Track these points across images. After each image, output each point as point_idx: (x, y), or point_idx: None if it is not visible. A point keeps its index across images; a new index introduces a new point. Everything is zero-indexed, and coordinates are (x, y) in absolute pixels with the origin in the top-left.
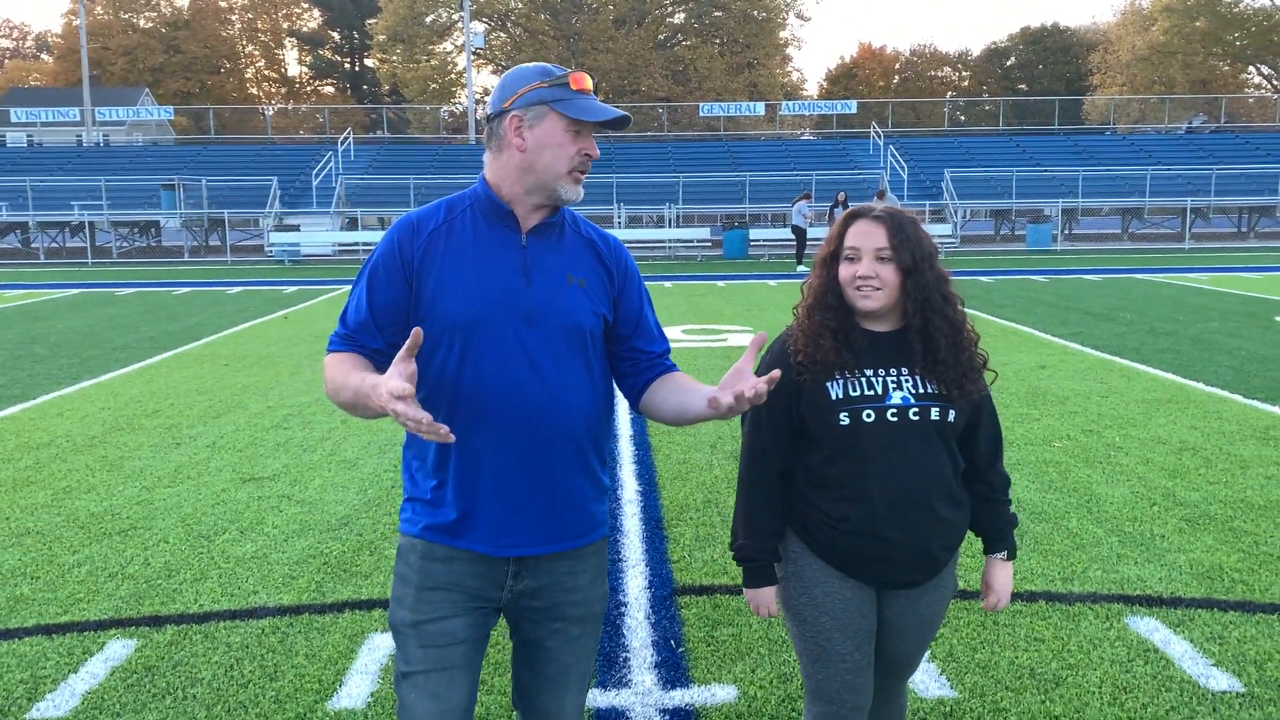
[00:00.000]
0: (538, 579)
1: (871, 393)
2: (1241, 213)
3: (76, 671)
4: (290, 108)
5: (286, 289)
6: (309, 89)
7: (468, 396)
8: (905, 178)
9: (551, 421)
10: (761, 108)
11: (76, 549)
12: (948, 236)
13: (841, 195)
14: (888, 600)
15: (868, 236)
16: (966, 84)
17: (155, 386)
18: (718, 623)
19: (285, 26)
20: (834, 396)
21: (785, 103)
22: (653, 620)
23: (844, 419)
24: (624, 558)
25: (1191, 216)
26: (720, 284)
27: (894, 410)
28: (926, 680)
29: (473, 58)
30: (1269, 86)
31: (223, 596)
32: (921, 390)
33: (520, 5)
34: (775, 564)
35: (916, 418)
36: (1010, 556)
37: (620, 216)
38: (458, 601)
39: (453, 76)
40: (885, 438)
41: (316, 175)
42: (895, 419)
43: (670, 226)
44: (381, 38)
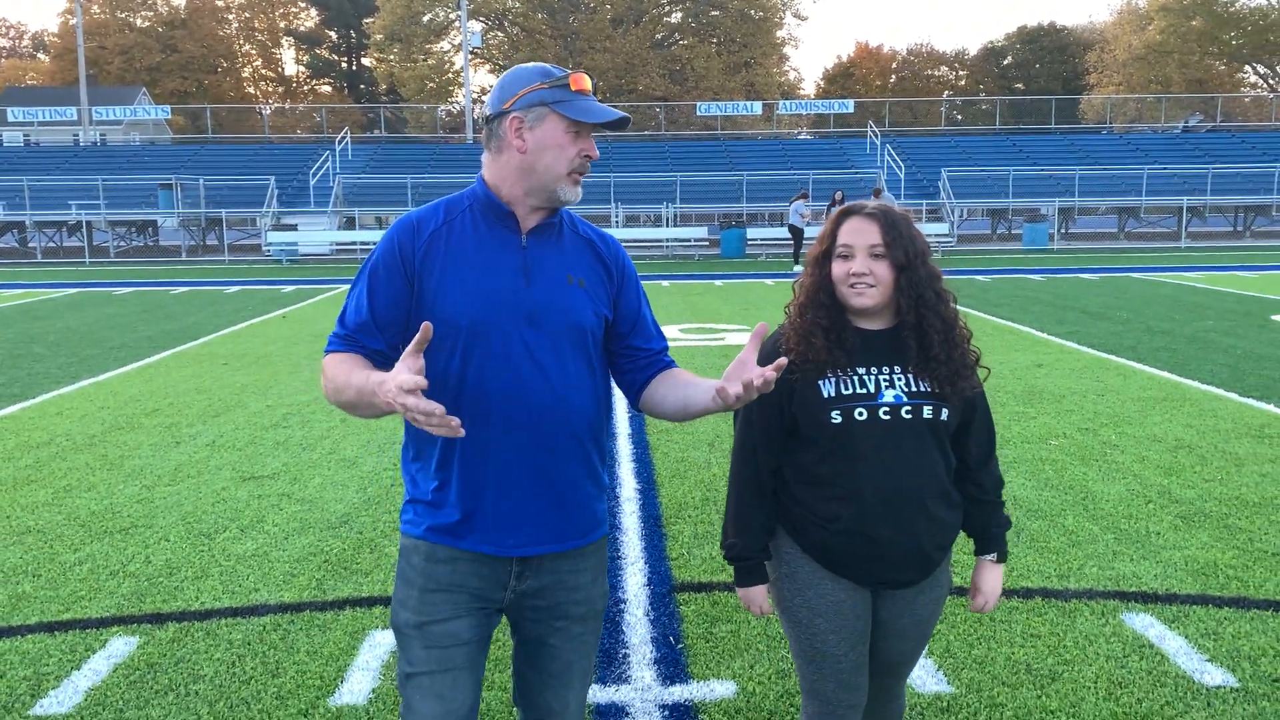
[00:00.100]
0: (540, 579)
1: (864, 391)
2: (1238, 212)
3: (79, 668)
4: (287, 107)
5: (284, 288)
6: (306, 88)
7: (471, 397)
8: (902, 177)
9: (555, 421)
10: (759, 107)
11: (78, 547)
12: (945, 235)
13: (838, 194)
14: (883, 600)
15: (861, 233)
16: (963, 83)
17: (154, 385)
18: (716, 619)
19: (282, 26)
20: (826, 395)
21: (782, 102)
22: (652, 617)
23: (836, 417)
24: (623, 555)
25: (1188, 215)
26: (718, 283)
27: (886, 408)
28: (924, 676)
29: (470, 57)
30: (1265, 86)
31: (224, 594)
32: (914, 389)
33: (517, 4)
34: (766, 562)
35: (909, 416)
36: (1000, 560)
37: (617, 216)
38: (461, 603)
39: (450, 76)
40: (877, 436)
41: (314, 174)
42: (888, 417)
43: (667, 226)
44: (379, 37)
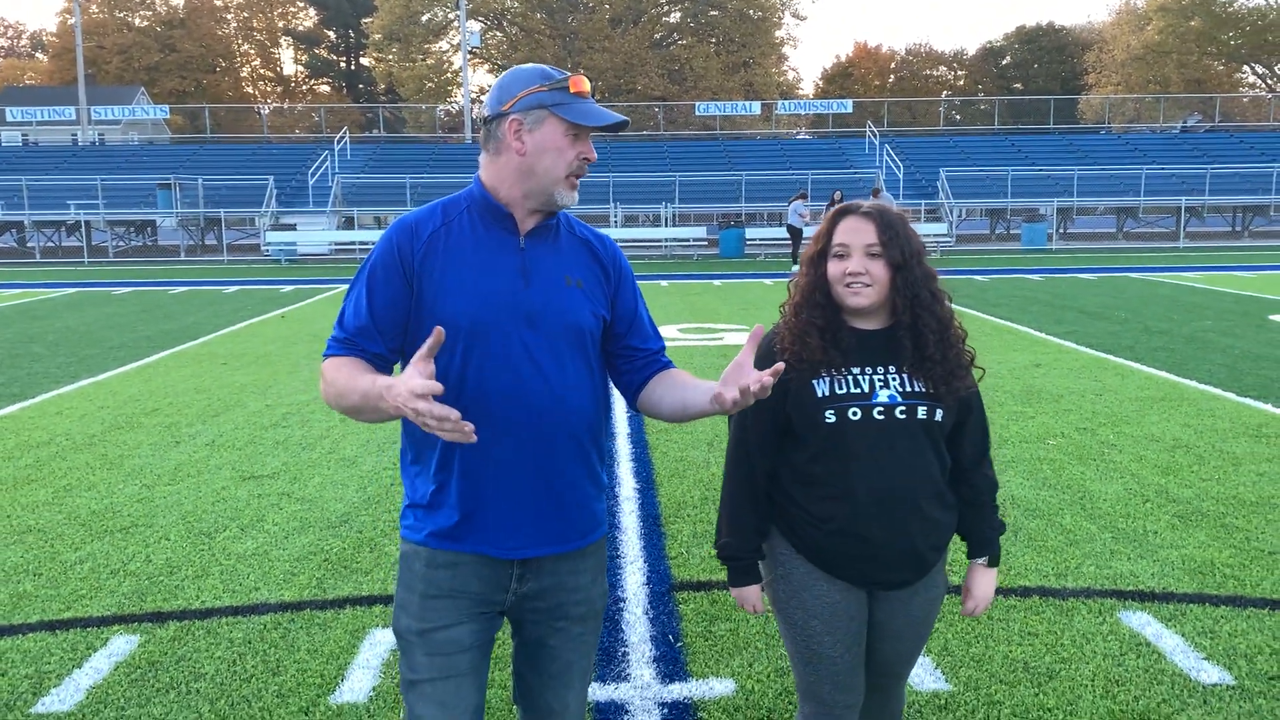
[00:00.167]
0: (541, 580)
1: (858, 391)
2: (1236, 212)
3: (80, 667)
4: (286, 107)
5: (283, 288)
6: (305, 88)
7: (471, 398)
8: (901, 177)
9: (554, 421)
10: (757, 107)
11: (78, 546)
12: (943, 235)
13: (837, 194)
14: (879, 602)
15: (857, 233)
16: (962, 83)
17: (153, 385)
18: (715, 617)
19: (281, 25)
20: (820, 394)
21: (781, 102)
22: (651, 615)
23: (830, 417)
24: (622, 554)
25: (1186, 215)
26: (716, 283)
27: (880, 408)
28: (922, 674)
29: (469, 57)
30: (1263, 86)
31: (224, 593)
32: (909, 389)
33: (516, 4)
34: (761, 563)
35: (903, 416)
36: (993, 564)
37: (616, 215)
38: (463, 608)
39: (449, 75)
40: (871, 436)
41: (313, 174)
42: (882, 417)
43: (666, 226)
44: (377, 37)
